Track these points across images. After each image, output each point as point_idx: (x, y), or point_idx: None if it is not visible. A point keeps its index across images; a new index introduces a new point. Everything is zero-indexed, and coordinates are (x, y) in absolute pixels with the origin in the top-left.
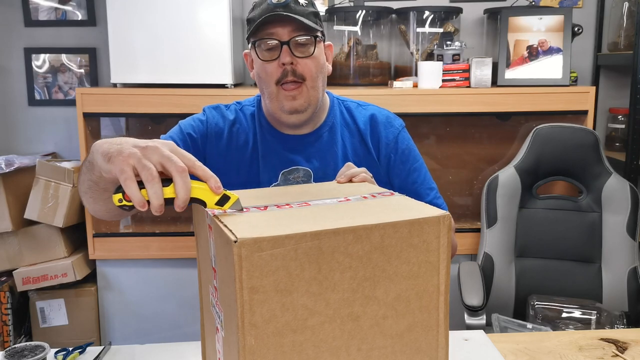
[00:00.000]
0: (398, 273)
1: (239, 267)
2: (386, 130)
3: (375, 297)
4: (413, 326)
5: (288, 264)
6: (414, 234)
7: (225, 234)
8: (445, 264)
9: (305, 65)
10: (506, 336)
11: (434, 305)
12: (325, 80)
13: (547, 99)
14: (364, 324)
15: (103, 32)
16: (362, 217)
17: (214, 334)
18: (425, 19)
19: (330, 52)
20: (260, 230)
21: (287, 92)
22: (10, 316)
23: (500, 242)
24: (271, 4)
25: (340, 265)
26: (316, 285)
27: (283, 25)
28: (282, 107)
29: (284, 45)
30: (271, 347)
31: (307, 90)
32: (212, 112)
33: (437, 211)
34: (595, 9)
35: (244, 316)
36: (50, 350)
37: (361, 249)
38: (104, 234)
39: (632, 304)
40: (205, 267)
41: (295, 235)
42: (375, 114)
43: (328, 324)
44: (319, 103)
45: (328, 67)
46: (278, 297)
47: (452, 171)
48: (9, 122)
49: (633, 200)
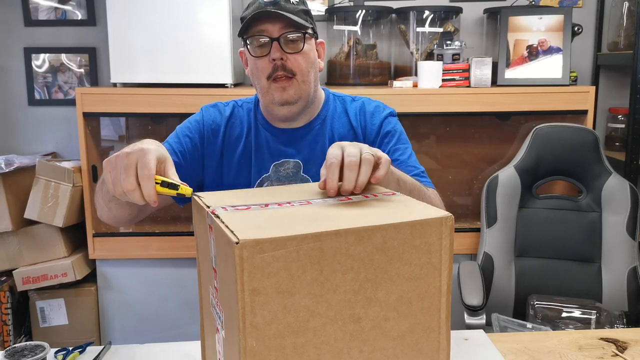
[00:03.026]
0: (400, 274)
1: (240, 268)
2: (372, 117)
3: (377, 299)
4: (415, 328)
5: (289, 265)
6: (416, 235)
7: (227, 235)
8: (447, 266)
9: (295, 60)
10: (506, 336)
11: (436, 307)
12: (317, 76)
13: (547, 99)
14: (366, 326)
15: (103, 32)
16: (363, 218)
17: (214, 334)
18: (425, 18)
19: (322, 49)
20: (261, 231)
21: (278, 84)
22: (10, 316)
23: (500, 241)
24: (262, 3)
25: (342, 266)
26: (318, 286)
27: (273, 23)
28: (273, 100)
29: (274, 41)
30: (272, 348)
31: (297, 83)
32: (209, 110)
33: (439, 212)
34: (595, 9)
35: (245, 318)
36: (50, 350)
37: (363, 251)
38: (104, 233)
39: (631, 303)
40: (205, 267)
41: (297, 236)
42: (364, 103)
43: (329, 325)
44: (310, 97)
45: (320, 63)
46: (279, 299)
47: (452, 171)
48: (9, 122)
49: (633, 200)
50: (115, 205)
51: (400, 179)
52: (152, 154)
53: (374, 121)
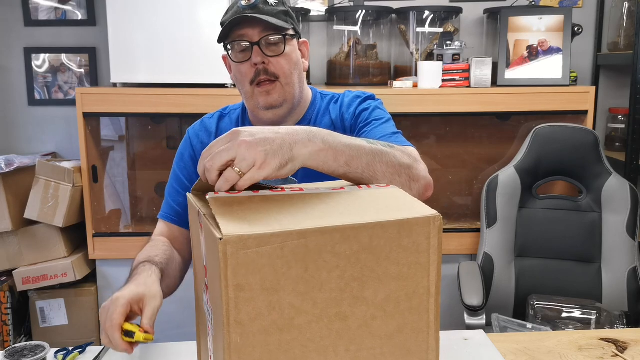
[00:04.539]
0: (387, 274)
1: (224, 264)
2: (349, 107)
3: (364, 298)
4: (403, 328)
5: (274, 262)
6: (403, 234)
7: (212, 231)
8: (435, 266)
9: (277, 63)
10: (506, 336)
11: (424, 307)
12: (302, 76)
13: (547, 99)
14: (353, 324)
15: (103, 32)
16: (350, 215)
17: (207, 332)
18: (425, 18)
19: (306, 48)
20: (246, 227)
21: (261, 89)
22: (10, 316)
23: (500, 242)
24: (241, 7)
25: (328, 264)
26: (303, 284)
27: (252, 27)
28: (258, 104)
29: (254, 45)
30: (257, 345)
31: (281, 86)
32: (195, 129)
33: (427, 211)
34: (595, 9)
35: (229, 314)
36: (50, 350)
37: (349, 249)
38: (104, 233)
39: (631, 303)
40: (198, 265)
41: (282, 233)
42: (344, 96)
43: (315, 323)
44: (296, 98)
45: (304, 63)
46: (264, 296)
47: (452, 171)
48: (9, 122)
49: (633, 200)
50: None
51: (352, 158)
52: (120, 302)
53: (350, 110)
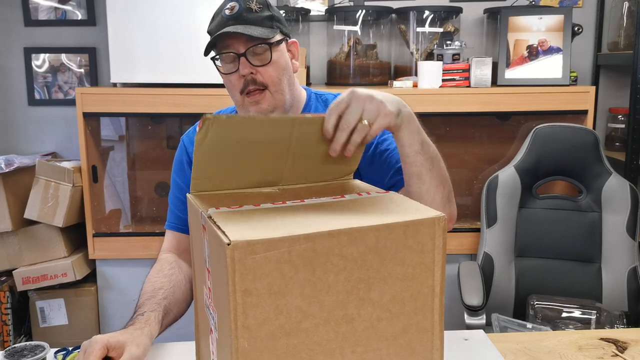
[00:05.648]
0: (393, 275)
1: (232, 269)
2: None
3: (370, 299)
4: (408, 328)
5: (282, 266)
6: (409, 235)
7: (219, 236)
8: (440, 266)
9: (265, 72)
10: (506, 336)
11: (429, 307)
12: (293, 80)
13: (547, 99)
14: (359, 326)
15: (103, 32)
16: (356, 218)
17: (208, 334)
18: (425, 18)
19: (295, 49)
20: (253, 232)
21: (251, 99)
22: (10, 316)
23: (500, 242)
24: (225, 16)
25: (335, 267)
26: (310, 287)
27: (237, 38)
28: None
29: (240, 57)
30: (264, 350)
31: (270, 95)
32: (189, 136)
33: (432, 212)
34: (595, 9)
35: (237, 319)
36: (50, 350)
37: (355, 251)
38: (104, 233)
39: (631, 303)
40: (199, 267)
41: (289, 237)
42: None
43: (322, 326)
44: (286, 104)
45: (294, 64)
46: (271, 300)
47: (452, 171)
48: (9, 122)
49: (633, 200)
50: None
51: (425, 142)
52: (97, 345)
53: None
